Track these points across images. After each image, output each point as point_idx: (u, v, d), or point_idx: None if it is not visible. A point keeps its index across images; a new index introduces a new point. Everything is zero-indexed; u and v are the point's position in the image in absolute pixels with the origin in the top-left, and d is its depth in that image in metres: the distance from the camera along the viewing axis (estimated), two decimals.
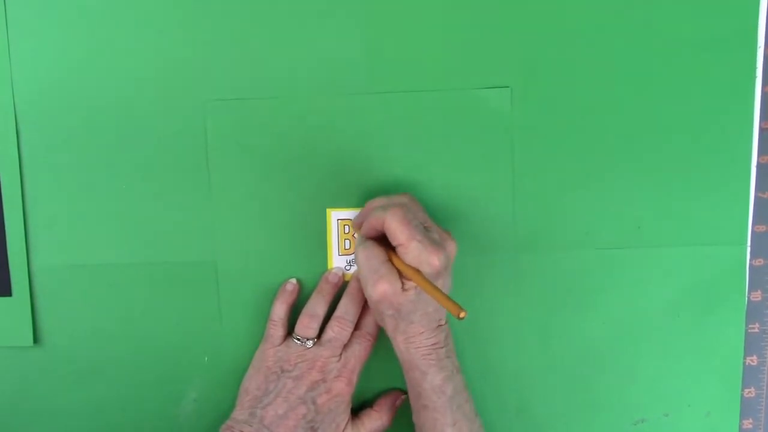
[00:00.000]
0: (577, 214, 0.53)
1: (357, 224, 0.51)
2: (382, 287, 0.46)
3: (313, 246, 0.53)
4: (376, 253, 0.47)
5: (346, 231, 0.53)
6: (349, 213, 0.53)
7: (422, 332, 0.48)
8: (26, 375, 0.54)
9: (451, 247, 0.47)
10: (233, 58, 0.52)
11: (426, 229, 0.46)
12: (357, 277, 0.52)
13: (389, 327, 0.48)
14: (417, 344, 0.48)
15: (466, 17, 0.51)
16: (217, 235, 0.53)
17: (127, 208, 0.53)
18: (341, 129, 0.52)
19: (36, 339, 0.54)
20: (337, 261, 0.53)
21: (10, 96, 0.52)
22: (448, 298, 0.43)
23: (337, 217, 0.53)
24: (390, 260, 0.47)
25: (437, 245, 0.45)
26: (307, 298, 0.52)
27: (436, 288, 0.44)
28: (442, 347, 0.48)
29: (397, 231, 0.45)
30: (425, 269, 0.45)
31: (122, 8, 0.51)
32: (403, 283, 0.46)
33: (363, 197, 0.52)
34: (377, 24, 0.51)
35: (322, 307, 0.52)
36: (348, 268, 0.53)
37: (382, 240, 0.48)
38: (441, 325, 0.49)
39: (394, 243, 0.46)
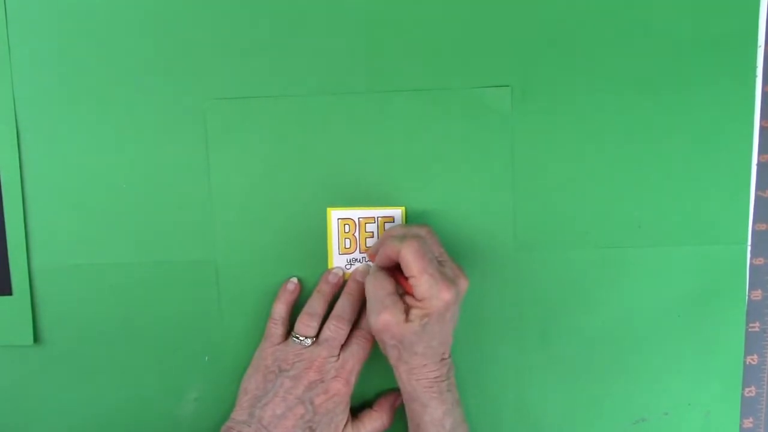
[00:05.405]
0: (577, 214, 0.53)
1: (372, 252, 0.51)
2: (384, 318, 0.46)
3: (314, 245, 0.53)
4: (384, 284, 0.48)
5: (347, 230, 0.53)
6: (349, 212, 0.53)
7: (425, 364, 0.48)
8: (26, 374, 0.54)
9: (463, 283, 0.47)
10: (233, 58, 0.52)
11: (440, 263, 0.47)
12: (355, 277, 0.52)
13: (392, 357, 0.48)
14: (419, 376, 0.48)
15: (466, 16, 0.51)
16: (217, 235, 0.53)
17: (127, 208, 0.53)
18: (341, 129, 0.52)
19: (36, 338, 0.54)
20: (337, 260, 0.53)
21: (11, 96, 0.52)
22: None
23: (338, 216, 0.53)
24: (396, 292, 0.47)
25: (449, 281, 0.46)
26: (308, 298, 0.52)
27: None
28: (444, 381, 0.48)
29: (411, 263, 0.45)
30: (435, 303, 0.45)
31: (122, 8, 0.51)
32: (406, 315, 0.46)
33: (363, 196, 0.52)
34: (377, 23, 0.51)
35: (322, 306, 0.52)
36: (348, 267, 0.53)
37: (395, 270, 0.49)
38: (444, 359, 0.49)
39: (407, 274, 0.46)
